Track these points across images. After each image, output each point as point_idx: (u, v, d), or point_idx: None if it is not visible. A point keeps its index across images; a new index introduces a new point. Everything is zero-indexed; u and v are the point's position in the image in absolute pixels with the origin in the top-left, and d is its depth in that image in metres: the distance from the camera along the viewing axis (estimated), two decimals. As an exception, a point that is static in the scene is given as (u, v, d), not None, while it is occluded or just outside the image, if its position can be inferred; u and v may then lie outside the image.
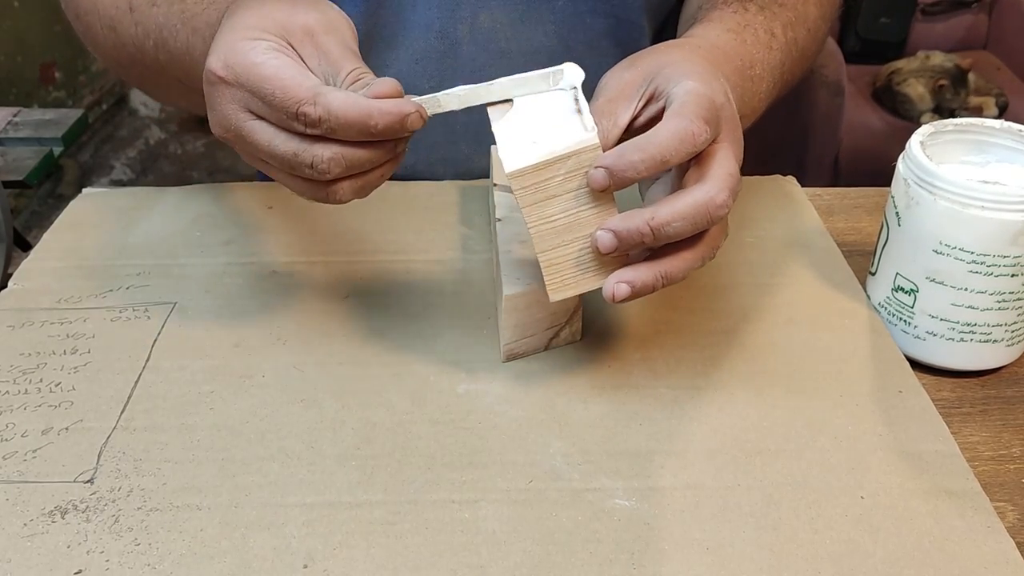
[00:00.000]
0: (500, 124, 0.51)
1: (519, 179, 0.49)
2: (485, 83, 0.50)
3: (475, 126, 0.78)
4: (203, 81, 0.51)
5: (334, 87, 0.49)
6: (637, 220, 0.48)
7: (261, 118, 0.50)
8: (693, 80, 0.51)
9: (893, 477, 0.51)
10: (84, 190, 0.77)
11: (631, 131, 0.53)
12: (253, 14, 0.51)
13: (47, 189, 1.70)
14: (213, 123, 0.52)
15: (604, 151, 0.49)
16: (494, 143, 0.51)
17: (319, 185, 0.51)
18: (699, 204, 0.48)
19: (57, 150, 1.69)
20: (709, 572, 0.46)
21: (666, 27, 0.82)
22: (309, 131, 0.48)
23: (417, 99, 0.49)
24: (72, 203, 0.76)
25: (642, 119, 0.53)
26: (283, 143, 0.49)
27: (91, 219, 0.73)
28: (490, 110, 0.52)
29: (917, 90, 2.15)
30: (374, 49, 0.76)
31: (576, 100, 0.51)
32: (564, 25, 0.76)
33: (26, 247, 1.15)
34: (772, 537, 0.47)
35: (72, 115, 1.77)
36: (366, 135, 0.48)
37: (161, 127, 2.81)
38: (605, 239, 0.49)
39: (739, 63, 0.61)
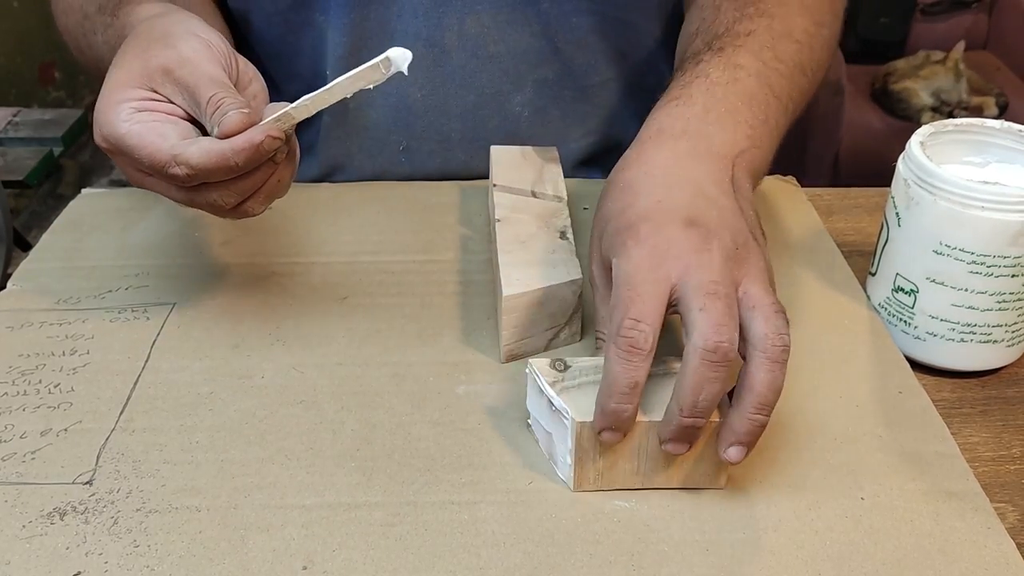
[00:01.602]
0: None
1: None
2: (325, 87, 0.51)
3: (470, 133, 0.79)
4: None
5: (191, 140, 0.51)
6: (687, 418, 0.46)
7: (152, 175, 0.53)
8: (619, 258, 0.48)
9: (893, 478, 0.51)
10: (83, 191, 0.77)
11: None
12: (118, 71, 0.54)
13: (47, 189, 1.70)
14: (124, 176, 0.56)
15: None
16: (489, 145, 0.52)
17: (229, 211, 0.54)
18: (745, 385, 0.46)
19: (57, 150, 1.69)
20: (709, 573, 0.45)
21: (670, 26, 0.81)
22: (187, 184, 0.51)
23: (268, 119, 0.51)
24: (71, 204, 0.76)
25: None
26: (176, 193, 0.53)
27: (90, 220, 0.73)
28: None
29: (913, 86, 2.15)
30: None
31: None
32: (550, 25, 0.76)
33: (26, 247, 1.15)
34: (772, 538, 0.47)
35: (72, 115, 1.77)
36: (233, 173, 0.51)
37: (161, 127, 2.80)
38: (676, 448, 0.47)
39: (749, 132, 0.57)
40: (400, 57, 0.49)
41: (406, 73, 0.49)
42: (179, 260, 0.69)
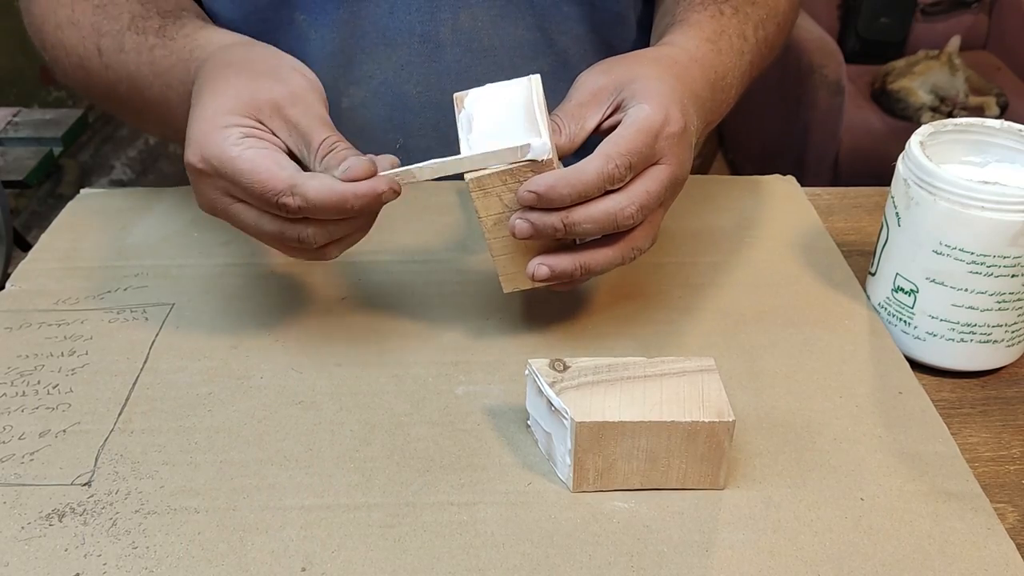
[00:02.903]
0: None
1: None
2: (457, 156, 0.53)
3: None
4: (185, 167, 0.54)
5: (310, 173, 0.51)
6: (553, 216, 0.53)
7: (244, 201, 0.53)
8: (651, 104, 0.54)
9: (893, 478, 0.51)
10: (82, 191, 0.77)
11: (598, 133, 0.57)
12: (221, 98, 0.53)
13: (47, 189, 1.69)
14: (200, 203, 0.56)
15: (570, 151, 0.56)
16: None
17: (308, 251, 0.54)
18: (608, 212, 0.53)
19: (57, 150, 1.68)
20: (708, 574, 0.45)
21: (648, 13, 0.82)
22: (291, 216, 0.51)
23: (390, 172, 0.52)
24: (70, 204, 0.76)
25: (607, 125, 0.57)
26: (268, 224, 0.53)
27: (89, 220, 0.73)
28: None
29: (909, 85, 2.15)
30: (355, 61, 0.76)
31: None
32: (544, 18, 0.76)
33: (26, 247, 1.15)
34: (771, 539, 0.47)
35: (72, 115, 1.77)
36: (344, 215, 0.51)
37: (161, 127, 2.80)
38: (522, 226, 0.53)
39: (713, 76, 0.62)
40: (540, 148, 0.52)
41: (539, 162, 0.52)
42: (178, 260, 0.69)
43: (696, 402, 0.48)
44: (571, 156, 0.57)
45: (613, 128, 0.55)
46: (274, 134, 0.53)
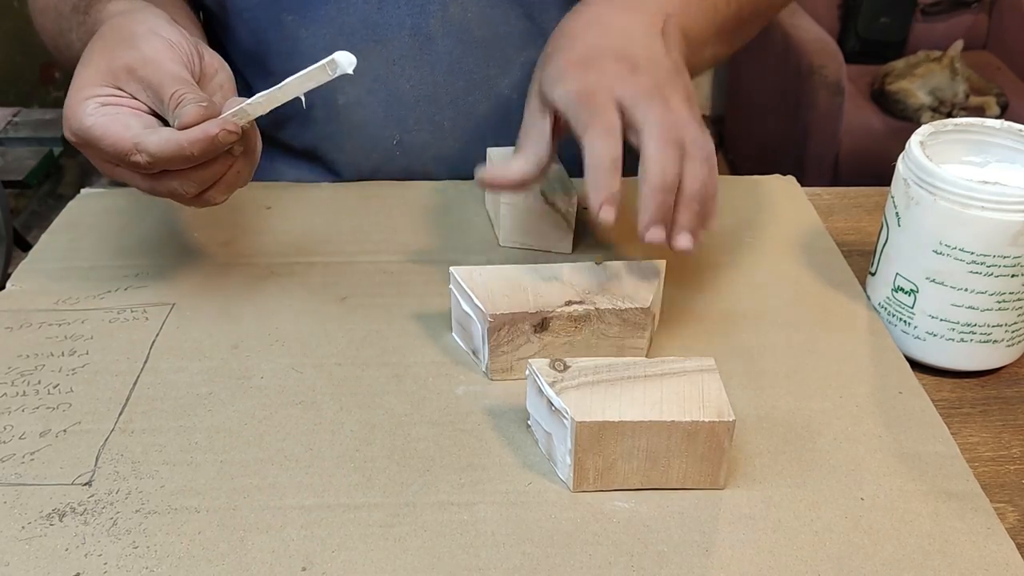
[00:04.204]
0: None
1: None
2: (276, 86, 0.54)
3: (461, 120, 0.79)
4: None
5: (152, 128, 0.54)
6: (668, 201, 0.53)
7: (118, 165, 0.56)
8: (563, 84, 0.55)
9: (893, 478, 0.51)
10: (82, 191, 0.77)
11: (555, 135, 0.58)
12: (84, 70, 0.56)
13: (47, 189, 1.70)
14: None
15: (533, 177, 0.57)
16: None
17: (191, 199, 0.57)
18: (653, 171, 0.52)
19: (57, 150, 1.68)
20: (708, 574, 0.45)
21: None
22: (149, 172, 0.55)
23: (225, 114, 0.54)
24: (70, 204, 0.76)
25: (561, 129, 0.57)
26: (141, 182, 0.56)
27: (89, 220, 0.73)
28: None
29: (908, 86, 2.15)
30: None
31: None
32: (533, 7, 0.76)
33: (26, 247, 1.15)
34: (772, 539, 0.47)
35: (72, 115, 1.77)
36: (190, 162, 0.54)
37: (161, 127, 2.80)
38: (606, 215, 0.52)
39: (680, 3, 0.62)
40: (345, 60, 0.52)
41: (351, 73, 0.53)
42: (179, 260, 0.69)
43: (696, 402, 0.48)
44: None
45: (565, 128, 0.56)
46: (134, 97, 0.56)
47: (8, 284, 0.66)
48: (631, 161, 0.53)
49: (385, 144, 0.79)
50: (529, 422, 0.53)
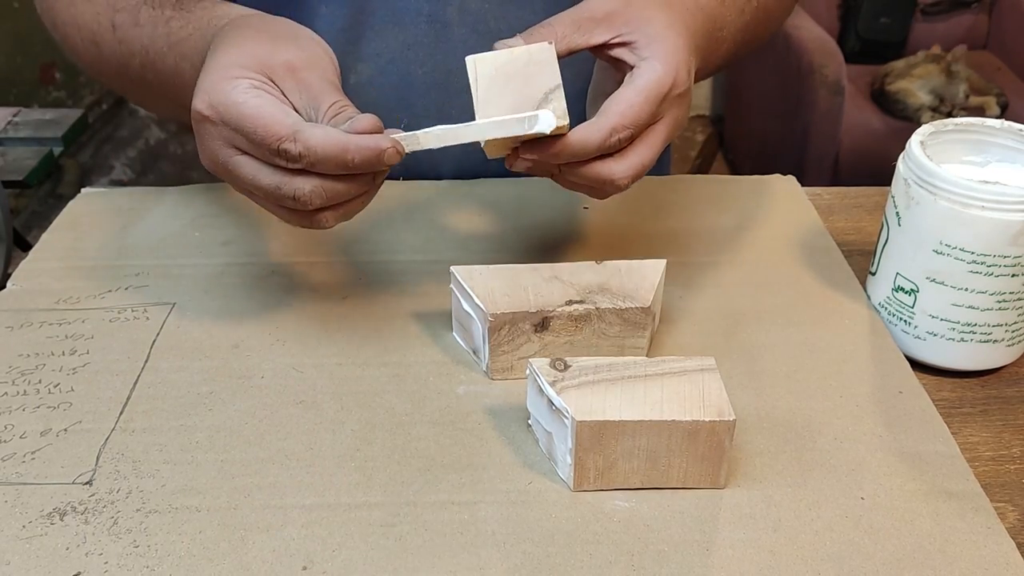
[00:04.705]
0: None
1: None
2: (464, 124, 0.53)
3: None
4: (191, 118, 0.54)
5: (314, 123, 0.51)
6: (551, 161, 0.54)
7: (246, 153, 0.52)
8: (663, 64, 0.54)
9: (893, 478, 0.51)
10: (83, 190, 0.77)
11: (597, 53, 0.58)
12: (236, 52, 0.53)
13: (47, 189, 1.69)
14: (202, 156, 0.55)
15: (565, 56, 0.55)
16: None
17: (303, 214, 0.53)
18: (602, 177, 0.55)
19: (57, 150, 1.68)
20: (708, 574, 0.45)
21: None
22: (290, 166, 0.51)
23: (396, 136, 0.52)
24: (71, 203, 0.76)
25: (609, 53, 0.57)
26: (266, 177, 0.52)
27: (90, 219, 0.73)
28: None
29: (908, 87, 2.15)
30: (364, 38, 0.76)
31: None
32: (550, 1, 0.76)
33: (26, 247, 1.15)
34: (772, 538, 0.47)
35: (72, 115, 1.77)
36: (344, 169, 0.50)
37: (161, 127, 2.80)
38: (521, 165, 0.55)
39: (711, 26, 0.62)
40: (546, 121, 0.52)
41: (547, 133, 0.52)
42: (179, 260, 0.69)
43: (697, 401, 0.49)
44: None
45: (609, 60, 0.57)
46: (284, 94, 0.53)
47: (8, 284, 0.66)
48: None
49: (392, 126, 0.79)
50: (529, 421, 0.53)
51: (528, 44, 0.54)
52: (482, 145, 0.55)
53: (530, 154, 0.54)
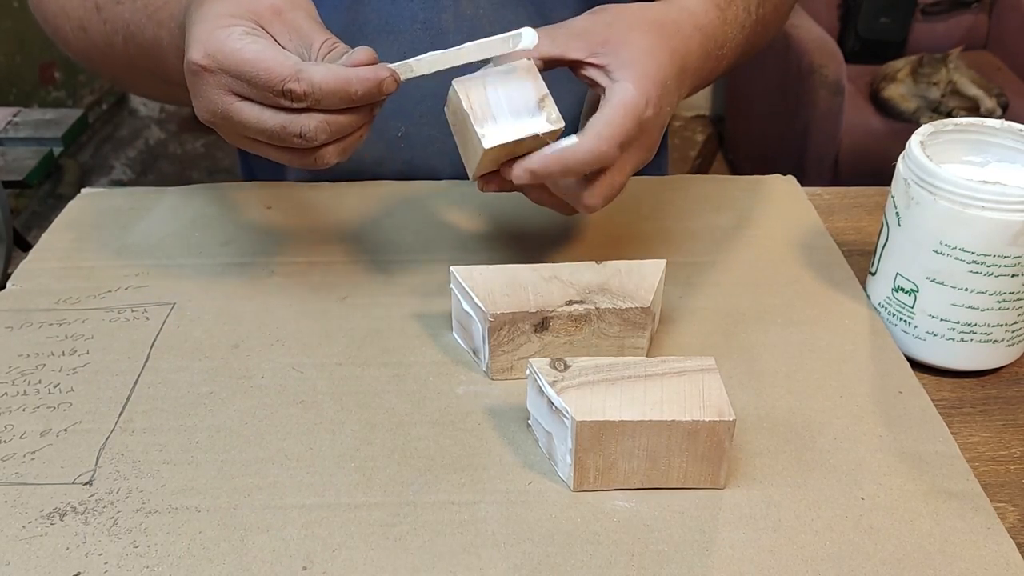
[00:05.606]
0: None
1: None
2: (453, 48, 0.54)
3: None
4: (186, 72, 0.54)
5: (312, 61, 0.53)
6: (524, 178, 0.55)
7: (246, 99, 0.53)
8: (635, 86, 0.55)
9: (893, 478, 0.51)
10: (83, 190, 0.77)
11: (571, 68, 0.59)
12: (221, 2, 0.54)
13: (47, 189, 1.70)
14: (199, 109, 0.55)
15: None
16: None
17: (306, 152, 0.55)
18: (575, 195, 0.57)
19: (57, 150, 1.68)
20: (709, 574, 0.45)
21: None
22: (294, 105, 0.52)
23: (391, 65, 0.53)
24: (71, 203, 0.76)
25: (584, 72, 0.58)
26: (270, 118, 0.53)
27: (90, 219, 0.73)
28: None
29: (897, 91, 2.15)
30: (356, 45, 0.76)
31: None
32: (544, 5, 0.77)
33: (26, 247, 1.15)
34: (772, 538, 0.47)
35: (72, 115, 1.77)
36: (348, 102, 0.52)
37: (161, 127, 2.80)
38: (487, 187, 0.58)
39: (711, 45, 0.62)
40: (530, 37, 0.53)
41: (531, 50, 0.54)
42: (179, 260, 0.69)
43: (696, 401, 0.49)
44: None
45: (587, 79, 0.58)
46: (274, 38, 0.54)
47: (8, 284, 0.66)
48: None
49: (389, 136, 0.79)
50: (529, 421, 0.53)
51: (508, 63, 0.56)
52: (476, 165, 0.57)
53: (525, 172, 0.55)
